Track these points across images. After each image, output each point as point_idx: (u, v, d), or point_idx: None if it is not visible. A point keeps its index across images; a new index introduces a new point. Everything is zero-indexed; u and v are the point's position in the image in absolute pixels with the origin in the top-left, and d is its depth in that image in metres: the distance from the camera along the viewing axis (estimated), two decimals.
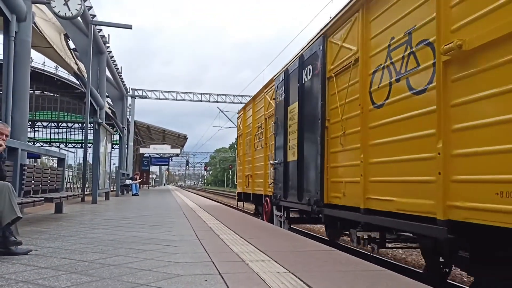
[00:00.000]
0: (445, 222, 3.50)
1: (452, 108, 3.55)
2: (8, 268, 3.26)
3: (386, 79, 4.65)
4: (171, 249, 4.26)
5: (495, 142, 3.09)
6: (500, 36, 3.06)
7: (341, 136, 5.70)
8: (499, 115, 3.05)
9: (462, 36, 3.46)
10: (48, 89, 42.42)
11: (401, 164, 4.26)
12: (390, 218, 4.38)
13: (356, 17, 5.36)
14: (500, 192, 2.97)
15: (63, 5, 10.01)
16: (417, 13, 4.14)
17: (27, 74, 8.93)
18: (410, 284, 2.96)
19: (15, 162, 6.78)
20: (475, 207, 3.21)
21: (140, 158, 42.36)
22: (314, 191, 6.42)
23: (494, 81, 3.13)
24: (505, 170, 2.97)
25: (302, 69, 7.21)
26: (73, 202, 12.69)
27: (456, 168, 3.47)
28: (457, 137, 3.47)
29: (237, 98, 34.01)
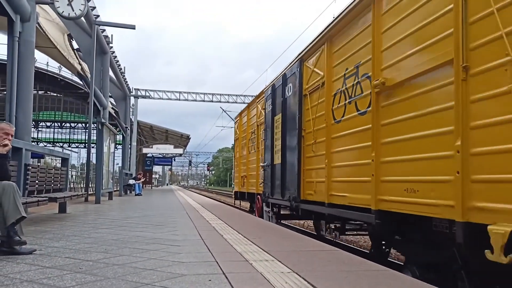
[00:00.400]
0: (376, 211, 4.68)
1: (382, 127, 4.75)
2: (13, 268, 3.27)
3: (342, 100, 5.90)
4: (175, 248, 4.26)
5: (408, 153, 4.27)
6: (404, 79, 4.34)
7: (312, 144, 6.93)
8: (409, 133, 4.25)
9: (385, 75, 4.67)
10: (52, 89, 42.59)
11: (350, 167, 5.57)
12: (344, 210, 5.61)
13: (323, 48, 6.62)
14: (406, 189, 4.23)
15: (66, 5, 10.03)
16: (361, 52, 5.37)
17: (31, 74, 8.96)
18: (414, 284, 2.96)
19: (19, 162, 6.80)
20: (393, 199, 4.43)
21: (143, 158, 42.41)
22: (293, 189, 7.65)
23: (403, 109, 4.37)
24: (410, 173, 4.19)
25: (284, 86, 8.50)
26: (76, 202, 12.72)
27: (383, 171, 4.68)
28: (385, 149, 4.69)
29: (240, 98, 34.01)
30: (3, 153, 4.24)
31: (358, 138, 5.35)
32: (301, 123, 7.46)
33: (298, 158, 7.47)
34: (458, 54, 3.59)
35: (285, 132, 8.39)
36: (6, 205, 3.85)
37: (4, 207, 3.85)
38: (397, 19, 4.57)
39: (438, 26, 3.92)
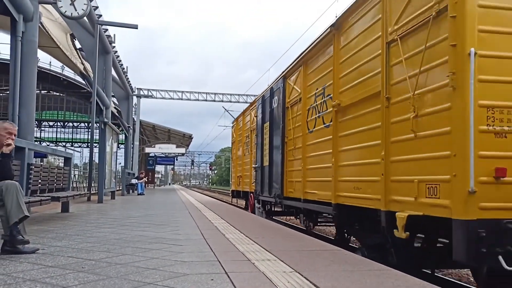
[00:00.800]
0: (335, 204, 5.96)
1: (339, 138, 6.06)
2: (15, 267, 3.28)
3: (313, 114, 7.23)
4: (177, 248, 4.27)
5: (354, 159, 5.60)
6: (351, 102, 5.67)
7: (293, 149, 8.23)
8: (355, 144, 5.58)
9: (341, 98, 5.98)
10: (55, 89, 42.62)
11: (318, 170, 6.85)
12: (314, 204, 6.99)
13: (300, 70, 7.94)
14: (354, 187, 5.49)
15: (69, 5, 10.05)
16: (326, 77, 6.63)
17: (34, 74, 8.98)
18: (417, 284, 2.95)
19: (22, 161, 6.81)
20: (346, 195, 5.70)
21: (146, 157, 42.48)
22: (278, 188, 8.93)
23: (352, 126, 5.69)
24: (356, 174, 5.51)
25: (272, 98, 9.79)
26: (79, 201, 12.75)
27: (340, 173, 5.98)
28: (341, 155, 5.97)
29: (242, 97, 33.97)
30: (7, 152, 4.24)
31: (324, 146, 6.65)
32: (284, 131, 8.75)
33: (281, 161, 8.77)
34: (383, 88, 4.84)
35: (272, 138, 9.64)
36: (9, 204, 3.86)
37: (7, 206, 3.86)
38: (348, 55, 5.88)
39: (372, 66, 5.19)
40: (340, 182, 5.95)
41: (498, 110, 3.70)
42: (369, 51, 5.27)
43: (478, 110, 3.63)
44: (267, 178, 9.93)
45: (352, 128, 5.68)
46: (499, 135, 3.71)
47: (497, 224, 3.56)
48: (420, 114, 4.18)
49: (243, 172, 14.36)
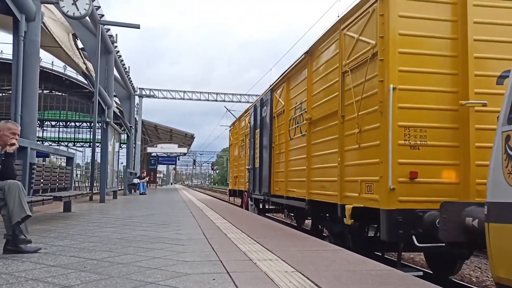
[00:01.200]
0: (308, 200, 7.22)
1: (311, 145, 7.30)
2: (18, 266, 3.29)
3: (294, 124, 8.43)
4: (179, 248, 4.27)
5: (321, 163, 6.83)
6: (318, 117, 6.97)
7: (278, 153, 9.46)
8: (321, 151, 6.84)
9: (312, 113, 7.27)
10: (57, 89, 42.68)
11: (297, 171, 8.03)
12: (293, 200, 8.21)
13: (283, 85, 9.20)
14: (321, 186, 6.71)
15: (71, 5, 10.05)
16: (302, 94, 7.85)
17: (36, 74, 8.99)
18: (419, 284, 2.95)
19: (25, 161, 6.82)
20: (316, 193, 6.95)
21: (148, 157, 42.51)
22: (266, 187, 10.15)
23: (319, 136, 6.97)
24: (322, 175, 6.72)
25: (262, 107, 11.14)
26: (81, 201, 12.77)
27: (312, 174, 7.18)
28: (313, 159, 7.20)
29: (244, 97, 33.95)
30: (10, 152, 4.26)
31: (301, 151, 7.87)
32: (271, 137, 10.01)
33: (269, 163, 10.03)
34: (339, 108, 6.12)
35: (262, 143, 10.95)
36: (12, 204, 3.87)
37: (10, 206, 3.87)
38: (317, 78, 7.21)
39: (333, 89, 6.46)
40: (311, 182, 7.22)
41: (412, 129, 4.94)
42: (331, 77, 6.60)
43: (397, 129, 4.86)
44: (258, 178, 11.28)
45: (320, 138, 7.00)
46: (413, 147, 4.94)
47: (411, 213, 4.76)
48: (362, 130, 5.46)
49: (239, 173, 15.79)
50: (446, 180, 4.96)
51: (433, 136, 4.99)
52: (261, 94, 11.52)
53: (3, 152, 4.23)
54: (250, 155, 12.45)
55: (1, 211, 3.93)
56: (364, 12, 5.54)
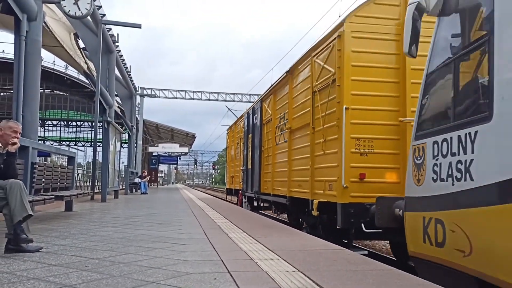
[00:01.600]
0: (289, 197, 8.59)
1: (291, 150, 8.65)
2: (19, 265, 3.29)
3: (279, 131, 9.81)
4: (180, 247, 4.27)
5: (297, 166, 8.17)
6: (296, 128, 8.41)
7: (267, 157, 10.98)
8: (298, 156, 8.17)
9: (291, 123, 8.64)
10: (58, 88, 42.78)
11: (280, 172, 9.44)
12: (277, 197, 9.65)
13: (271, 97, 10.70)
14: (298, 185, 7.99)
15: (73, 4, 10.05)
16: (285, 106, 9.15)
17: (38, 73, 9.00)
18: (420, 284, 2.95)
19: (26, 160, 6.84)
20: (294, 190, 8.24)
21: (149, 156, 42.52)
22: (256, 186, 11.75)
23: (297, 143, 8.29)
24: (299, 176, 8.04)
25: (253, 115, 12.73)
26: (82, 200, 12.79)
27: (292, 175, 8.51)
28: (292, 163, 8.59)
29: (245, 97, 33.94)
30: (12, 151, 4.26)
31: (284, 155, 9.17)
32: (261, 142, 11.49)
33: (259, 165, 11.54)
34: (311, 120, 7.45)
35: (253, 147, 12.43)
36: (13, 203, 3.87)
37: (11, 205, 3.87)
38: (296, 94, 8.55)
39: (306, 105, 7.81)
40: (291, 181, 8.61)
41: (362, 140, 6.23)
42: (305, 94, 7.94)
43: (350, 140, 6.17)
44: (250, 178, 12.85)
45: (298, 144, 8.37)
46: (363, 154, 6.22)
47: (360, 205, 6.02)
48: (326, 140, 6.82)
49: (235, 173, 17.38)
50: (389, 180, 6.22)
51: (378, 145, 6.30)
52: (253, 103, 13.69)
53: (4, 152, 4.23)
54: (244, 157, 14.04)
55: (3, 210, 3.94)
56: (327, 45, 6.91)
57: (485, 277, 3.22)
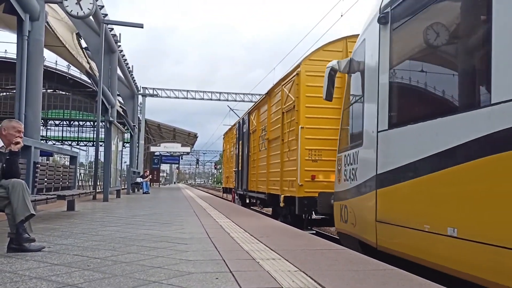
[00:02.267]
0: (267, 193, 11.07)
1: (269, 156, 11.16)
2: (22, 265, 3.30)
3: (261, 140, 12.18)
4: (182, 247, 4.28)
5: (273, 169, 10.70)
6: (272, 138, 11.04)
7: (253, 160, 13.26)
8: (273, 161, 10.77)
9: (269, 134, 11.25)
10: (60, 88, 42.84)
11: (262, 173, 11.83)
12: (260, 194, 11.99)
13: (255, 112, 13.24)
14: (273, 183, 10.54)
15: (75, 4, 10.08)
16: (265, 120, 11.74)
17: (40, 73, 9.02)
18: (422, 284, 2.94)
19: (28, 160, 6.86)
20: (271, 188, 10.70)
21: (151, 156, 42.56)
22: (245, 184, 14.34)
23: (272, 151, 10.92)
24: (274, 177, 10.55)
25: (243, 124, 15.45)
26: (85, 199, 12.81)
27: (269, 176, 11.01)
28: (270, 166, 11.00)
29: (247, 96, 33.91)
30: (15, 150, 4.25)
31: (264, 160, 11.61)
32: (249, 148, 14.11)
33: (247, 167, 14.16)
34: (281, 134, 9.73)
35: (243, 151, 15.10)
36: (15, 202, 3.88)
37: (13, 204, 3.88)
38: (272, 112, 10.89)
39: (278, 121, 9.99)
40: (269, 181, 10.97)
41: (313, 150, 8.54)
42: (277, 113, 10.29)
43: (304, 151, 8.50)
44: (240, 178, 15.65)
45: (273, 152, 10.76)
46: (314, 161, 8.54)
47: (312, 198, 8.12)
48: (289, 150, 9.19)
49: (229, 174, 20.23)
50: (331, 180, 7.57)
51: (325, 154, 8.52)
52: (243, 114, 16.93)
53: (7, 151, 4.23)
54: (235, 160, 17.02)
55: (5, 209, 3.94)
56: (290, 79, 9.38)
57: (360, 238, 5.33)
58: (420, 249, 4.01)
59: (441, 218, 3.69)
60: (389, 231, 4.59)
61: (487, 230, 3.16)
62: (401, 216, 4.39)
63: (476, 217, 3.28)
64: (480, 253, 3.19)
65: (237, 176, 16.26)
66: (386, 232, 4.63)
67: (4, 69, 34.74)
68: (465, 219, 3.41)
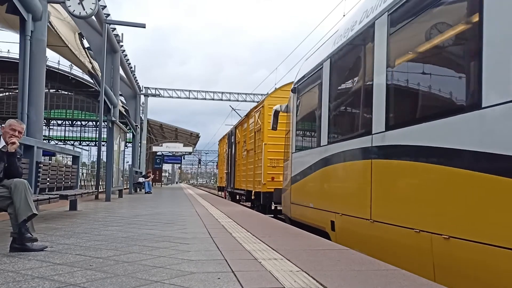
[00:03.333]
0: (246, 190, 15.88)
1: (247, 162, 16.05)
2: (24, 264, 3.30)
3: (243, 149, 17.37)
4: (184, 246, 4.28)
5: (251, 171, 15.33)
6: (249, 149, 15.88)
7: (238, 164, 18.28)
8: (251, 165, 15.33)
9: (248, 146, 16.20)
10: (63, 88, 42.89)
11: (243, 175, 16.87)
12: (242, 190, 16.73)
13: (239, 127, 18.63)
14: (249, 182, 15.53)
15: (77, 4, 10.09)
16: (246, 134, 16.60)
17: (43, 73, 9.04)
18: (424, 284, 2.93)
19: (31, 159, 6.86)
20: (248, 186, 15.43)
21: (153, 156, 42.59)
22: (232, 183, 19.50)
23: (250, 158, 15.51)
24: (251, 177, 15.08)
25: (231, 136, 20.72)
26: (87, 199, 12.83)
27: (248, 177, 15.74)
28: (248, 169, 15.79)
29: (249, 96, 33.87)
30: (12, 151, 4.20)
31: (244, 165, 16.28)
32: (235, 154, 18.88)
33: (234, 170, 18.90)
34: (254, 147, 14.78)
35: (231, 157, 19.92)
36: (18, 202, 3.89)
37: (16, 204, 3.89)
38: (250, 129, 15.52)
39: (252, 138, 15.08)
40: (248, 181, 14.74)
41: (272, 160, 12.68)
42: (252, 131, 14.72)
43: (267, 160, 12.72)
44: (229, 178, 20.70)
45: (249, 159, 14.99)
46: (273, 167, 12.69)
47: (271, 193, 12.09)
48: (259, 159, 13.44)
49: (222, 175, 25.68)
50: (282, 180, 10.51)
51: (281, 162, 11.37)
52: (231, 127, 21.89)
53: (5, 150, 4.19)
54: (226, 163, 22.24)
55: (8, 209, 3.95)
56: (258, 109, 13.81)
57: (287, 214, 8.73)
58: (305, 215, 7.79)
59: (309, 200, 7.52)
60: (295, 208, 8.41)
61: (323, 204, 6.77)
62: (299, 199, 8.20)
63: (318, 198, 7.09)
64: (322, 215, 6.74)
65: (227, 177, 21.68)
66: (294, 209, 8.48)
67: (7, 69, 34.83)
68: (315, 200, 7.20)
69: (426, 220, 4.00)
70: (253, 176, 13.88)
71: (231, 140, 20.35)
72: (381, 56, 4.98)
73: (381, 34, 5.02)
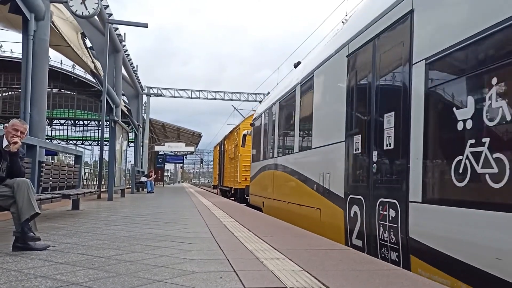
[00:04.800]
0: (229, 187, 22.58)
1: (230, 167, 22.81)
2: (27, 263, 3.31)
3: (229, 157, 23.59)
4: (186, 246, 4.28)
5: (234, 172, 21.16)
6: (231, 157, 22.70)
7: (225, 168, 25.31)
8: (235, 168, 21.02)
9: (231, 155, 22.70)
10: (65, 87, 42.96)
11: (228, 175, 23.43)
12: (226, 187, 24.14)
13: (227, 139, 25.40)
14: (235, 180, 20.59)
15: (80, 4, 10.10)
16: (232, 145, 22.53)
17: (45, 73, 9.05)
18: (426, 284, 2.93)
19: (34, 159, 6.88)
20: (233, 184, 21.14)
21: (155, 155, 42.66)
22: (221, 182, 26.26)
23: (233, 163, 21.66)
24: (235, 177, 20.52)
25: (221, 145, 28.38)
26: (89, 199, 12.85)
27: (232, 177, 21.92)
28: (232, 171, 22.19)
29: (252, 96, 33.89)
30: (14, 151, 4.21)
31: (229, 168, 23.03)
32: (224, 159, 25.54)
33: (222, 172, 25.98)
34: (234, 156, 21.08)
35: (222, 161, 26.30)
36: (21, 201, 3.90)
37: (19, 203, 3.90)
38: (232, 142, 22.11)
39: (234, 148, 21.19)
40: (234, 180, 19.98)
41: (246, 166, 17.59)
42: (233, 144, 21.37)
43: (241, 166, 18.76)
44: (219, 178, 27.16)
45: (232, 164, 21.50)
46: (246, 170, 17.61)
47: (244, 188, 17.28)
48: (236, 165, 20.06)
49: (215, 176, 31.39)
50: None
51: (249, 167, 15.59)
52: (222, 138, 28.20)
53: (8, 150, 4.20)
54: (218, 166, 28.50)
55: (11, 208, 3.96)
56: (236, 130, 20.76)
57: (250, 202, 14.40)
58: (254, 200, 13.42)
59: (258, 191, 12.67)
60: (252, 197, 13.76)
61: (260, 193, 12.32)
62: (253, 191, 13.51)
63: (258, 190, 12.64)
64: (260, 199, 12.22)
65: (218, 177, 28.10)
66: (252, 198, 13.78)
67: (9, 68, 34.93)
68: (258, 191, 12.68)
69: (288, 197, 9.00)
70: (234, 177, 20.11)
71: (221, 148, 26.83)
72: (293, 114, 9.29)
73: (296, 96, 8.92)
